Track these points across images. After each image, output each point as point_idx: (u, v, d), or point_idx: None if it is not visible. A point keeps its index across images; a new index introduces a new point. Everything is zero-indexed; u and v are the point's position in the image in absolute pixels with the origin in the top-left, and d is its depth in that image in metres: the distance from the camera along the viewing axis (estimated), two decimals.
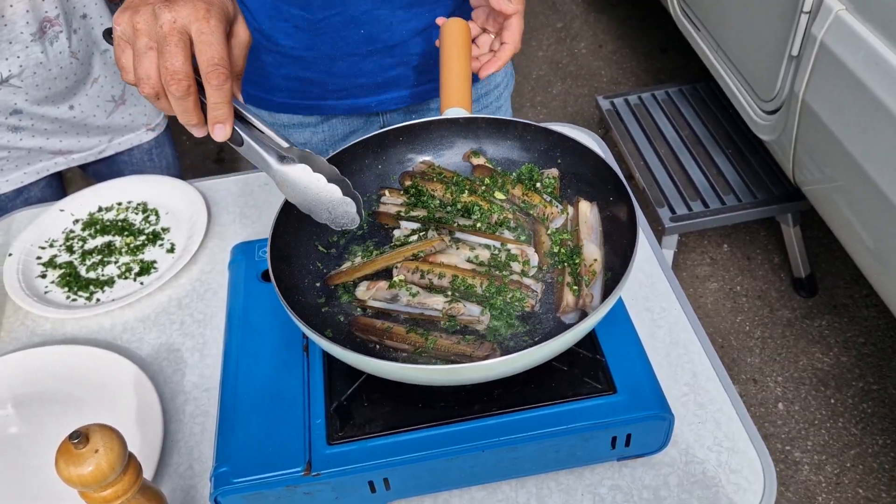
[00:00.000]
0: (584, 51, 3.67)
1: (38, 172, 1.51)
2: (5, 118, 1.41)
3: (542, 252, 0.91)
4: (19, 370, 1.03)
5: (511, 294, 0.85)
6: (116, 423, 0.77)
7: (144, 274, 1.17)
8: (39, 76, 1.38)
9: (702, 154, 2.50)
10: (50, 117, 1.46)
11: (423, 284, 0.87)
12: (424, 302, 0.86)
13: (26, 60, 1.35)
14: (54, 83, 1.41)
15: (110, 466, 0.67)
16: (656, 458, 0.88)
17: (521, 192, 0.95)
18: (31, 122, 1.44)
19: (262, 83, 1.33)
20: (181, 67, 0.70)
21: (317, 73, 1.28)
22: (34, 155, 1.49)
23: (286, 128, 1.38)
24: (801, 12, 1.81)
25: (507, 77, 1.45)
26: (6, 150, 1.45)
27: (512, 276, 0.87)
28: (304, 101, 1.33)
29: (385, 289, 0.87)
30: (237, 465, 0.78)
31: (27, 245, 1.21)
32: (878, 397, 2.23)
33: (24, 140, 1.45)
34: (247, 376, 0.86)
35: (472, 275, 0.87)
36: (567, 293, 0.84)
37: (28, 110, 1.42)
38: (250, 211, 1.27)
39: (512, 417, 0.80)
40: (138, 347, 1.07)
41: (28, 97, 1.40)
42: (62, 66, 1.41)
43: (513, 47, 1.04)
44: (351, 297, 0.89)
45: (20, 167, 1.49)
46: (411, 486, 0.82)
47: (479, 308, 0.84)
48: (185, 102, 0.72)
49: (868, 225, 1.74)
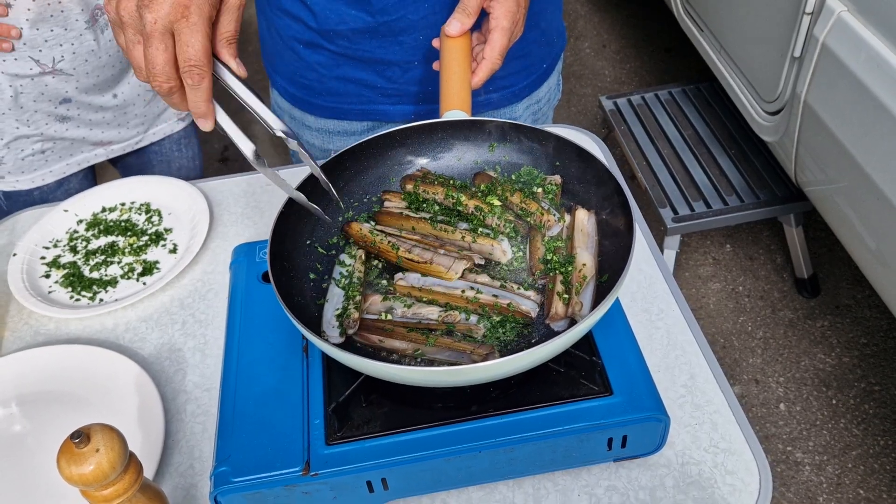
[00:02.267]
0: (587, 51, 3.67)
1: (80, 164, 1.57)
2: (55, 107, 1.46)
3: (536, 258, 0.91)
4: (23, 369, 1.04)
5: (509, 316, 0.86)
6: (118, 422, 0.78)
7: (147, 274, 1.18)
8: (91, 63, 1.44)
9: (704, 154, 2.50)
10: (95, 105, 1.51)
11: (415, 294, 0.89)
12: (420, 312, 0.86)
13: (80, 48, 1.41)
14: (103, 70, 1.47)
15: (111, 466, 0.68)
16: (653, 459, 0.89)
17: (520, 200, 0.96)
18: (77, 111, 1.50)
19: (312, 86, 1.32)
20: (162, 69, 0.75)
21: (371, 76, 1.26)
22: (76, 146, 1.55)
23: (331, 135, 1.37)
24: (803, 13, 1.82)
25: (552, 91, 1.43)
26: (52, 140, 1.51)
27: (508, 300, 0.87)
28: (356, 105, 1.32)
29: (379, 302, 0.88)
30: (237, 465, 0.79)
31: (31, 245, 1.22)
32: (879, 398, 2.23)
33: (69, 130, 1.51)
34: (247, 377, 0.87)
35: (469, 304, 0.87)
36: (557, 302, 0.84)
37: (77, 98, 1.48)
38: (252, 212, 1.28)
39: (509, 418, 0.81)
40: (140, 347, 1.08)
41: (79, 85, 1.45)
42: (111, 53, 1.47)
43: (489, 63, 0.99)
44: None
45: (63, 158, 1.55)
46: (409, 487, 0.83)
47: (476, 317, 0.85)
48: (170, 97, 0.78)
49: (869, 226, 1.74)
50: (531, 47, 1.28)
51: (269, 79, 1.42)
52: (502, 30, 0.99)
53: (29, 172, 1.52)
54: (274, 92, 1.43)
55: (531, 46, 1.27)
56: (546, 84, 1.38)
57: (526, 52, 1.28)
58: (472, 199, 0.95)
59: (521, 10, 1.01)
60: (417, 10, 1.16)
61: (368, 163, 1.01)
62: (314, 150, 1.41)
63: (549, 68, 1.38)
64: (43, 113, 1.46)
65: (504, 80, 1.29)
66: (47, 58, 1.39)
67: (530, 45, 1.27)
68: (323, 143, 1.40)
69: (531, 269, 0.91)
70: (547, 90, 1.40)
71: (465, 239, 0.92)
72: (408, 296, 0.89)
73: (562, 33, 1.39)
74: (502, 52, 1.00)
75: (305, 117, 1.37)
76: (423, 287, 0.89)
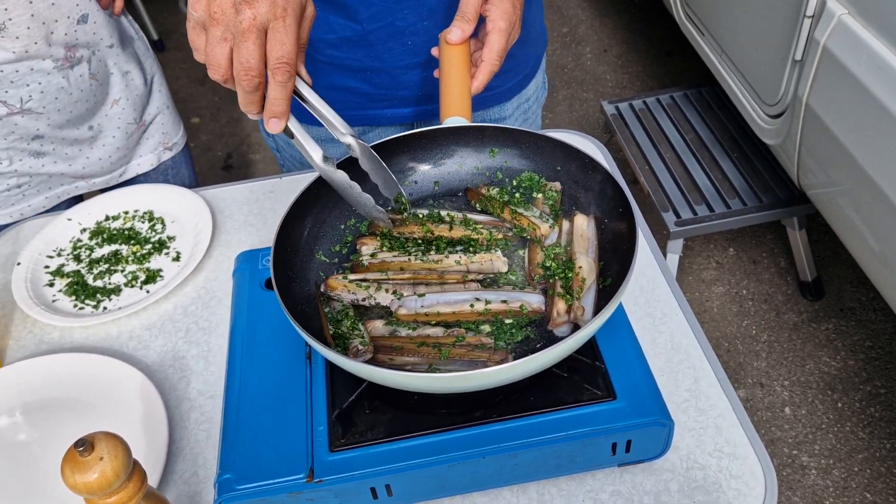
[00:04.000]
0: (589, 55, 3.67)
1: (60, 196, 1.50)
2: (27, 143, 1.39)
3: (535, 263, 0.91)
4: (28, 378, 1.04)
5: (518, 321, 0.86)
6: (122, 429, 0.78)
7: (150, 282, 1.18)
8: (61, 101, 1.37)
9: (707, 158, 2.50)
10: (70, 139, 1.44)
11: (421, 320, 0.88)
12: (426, 332, 0.86)
13: (48, 86, 1.34)
14: (76, 106, 1.40)
15: (115, 474, 0.68)
16: (657, 464, 0.89)
17: (510, 216, 0.96)
18: (52, 146, 1.42)
19: None
20: (255, 65, 0.76)
21: (360, 83, 1.27)
22: (55, 180, 1.48)
23: (321, 142, 1.36)
24: (804, 17, 1.82)
25: (539, 90, 1.46)
26: (28, 175, 1.43)
27: (519, 302, 0.87)
28: (343, 111, 1.31)
29: (381, 327, 0.88)
30: (240, 472, 0.79)
31: (35, 254, 1.23)
32: (885, 401, 2.23)
33: (45, 166, 1.44)
34: (250, 384, 0.87)
35: (480, 316, 0.87)
36: (558, 304, 0.84)
37: (50, 134, 1.40)
38: (255, 219, 1.28)
39: (512, 424, 0.81)
40: (144, 355, 1.08)
41: (50, 122, 1.38)
42: (83, 88, 1.40)
43: (489, 66, 0.99)
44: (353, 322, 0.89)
45: (42, 192, 1.47)
46: (413, 493, 0.83)
47: (486, 326, 0.86)
48: (252, 96, 0.79)
49: (873, 229, 1.74)
50: (515, 48, 1.30)
51: None
52: (500, 31, 0.99)
53: (6, 207, 1.45)
54: None
55: (515, 47, 1.29)
56: (533, 82, 1.42)
57: (511, 53, 1.30)
58: (453, 229, 0.96)
59: (517, 11, 1.02)
60: (405, 17, 1.17)
61: None
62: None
63: (535, 67, 1.41)
64: (16, 150, 1.40)
65: (492, 81, 1.31)
66: (14, 98, 1.32)
67: (515, 47, 1.29)
68: None
69: (530, 273, 0.91)
70: (534, 88, 1.43)
71: (462, 262, 0.92)
72: (406, 325, 0.88)
73: (543, 34, 1.43)
74: (500, 53, 1.00)
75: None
76: (428, 312, 0.88)
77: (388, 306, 0.89)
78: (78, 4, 1.32)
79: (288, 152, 1.46)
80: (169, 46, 3.91)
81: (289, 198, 0.93)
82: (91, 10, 1.36)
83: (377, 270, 0.93)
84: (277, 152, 1.50)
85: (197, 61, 0.80)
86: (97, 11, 1.37)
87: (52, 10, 1.28)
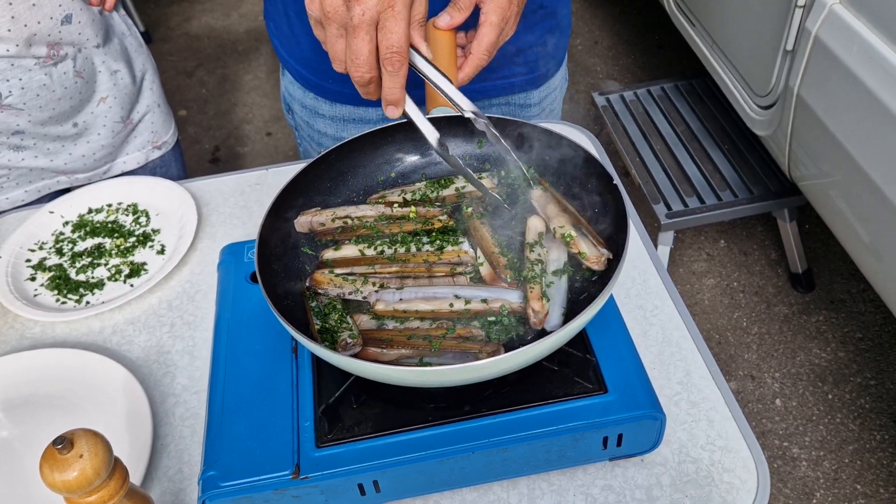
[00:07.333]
0: (579, 47, 3.66)
1: (40, 191, 1.47)
2: (7, 138, 1.36)
3: (490, 252, 0.90)
4: (9, 374, 1.02)
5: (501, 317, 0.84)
6: (106, 426, 0.76)
7: (134, 276, 1.16)
8: (43, 98, 1.33)
9: (697, 150, 2.50)
10: (52, 135, 1.40)
11: (398, 315, 0.86)
12: (412, 325, 0.85)
13: (29, 83, 1.30)
14: (59, 104, 1.36)
15: (95, 472, 0.66)
16: (649, 458, 0.88)
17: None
18: (33, 141, 1.39)
19: (326, 70, 1.26)
20: (364, 60, 0.79)
21: None
22: (36, 174, 1.44)
23: (346, 123, 1.36)
24: (795, 7, 1.81)
25: (563, 80, 1.46)
26: (6, 168, 1.40)
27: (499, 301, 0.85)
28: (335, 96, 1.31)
29: (368, 321, 0.86)
30: (225, 469, 0.77)
31: (16, 248, 1.21)
32: (875, 393, 2.23)
33: (26, 160, 1.41)
34: (235, 379, 0.86)
35: (460, 317, 0.85)
36: (533, 305, 0.83)
37: (31, 130, 1.37)
38: (241, 211, 1.26)
39: (502, 418, 0.80)
40: (128, 350, 1.06)
41: (31, 118, 1.35)
42: (66, 86, 1.36)
43: (475, 59, 0.94)
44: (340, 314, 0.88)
45: (21, 185, 1.44)
46: (401, 489, 0.82)
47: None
48: (367, 88, 0.82)
49: (864, 220, 1.74)
50: (548, 36, 1.31)
51: (282, 63, 1.39)
52: (491, 25, 0.95)
53: None
54: (285, 79, 1.41)
55: (549, 36, 1.30)
56: (560, 72, 1.42)
57: (544, 41, 1.31)
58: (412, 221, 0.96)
59: (514, 7, 0.99)
60: None
61: (356, 161, 1.00)
62: (327, 140, 1.39)
63: (562, 57, 1.41)
64: None
65: (523, 67, 1.31)
66: None
67: (548, 35, 1.30)
68: (336, 132, 1.37)
69: (493, 265, 0.89)
70: (560, 78, 1.43)
71: (430, 259, 0.91)
72: (392, 318, 0.86)
73: (570, 23, 1.42)
74: (489, 48, 0.95)
75: (319, 105, 1.35)
76: (406, 308, 0.86)
77: (367, 298, 0.88)
78: (61, 5, 1.29)
79: (306, 131, 1.43)
80: (156, 39, 3.87)
81: (275, 190, 0.91)
82: (75, 10, 1.32)
83: (354, 265, 0.91)
84: (296, 130, 1.48)
85: (184, 53, 0.79)
86: (81, 10, 1.33)
87: (34, 11, 1.25)
